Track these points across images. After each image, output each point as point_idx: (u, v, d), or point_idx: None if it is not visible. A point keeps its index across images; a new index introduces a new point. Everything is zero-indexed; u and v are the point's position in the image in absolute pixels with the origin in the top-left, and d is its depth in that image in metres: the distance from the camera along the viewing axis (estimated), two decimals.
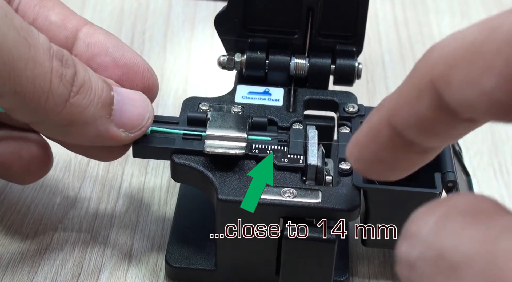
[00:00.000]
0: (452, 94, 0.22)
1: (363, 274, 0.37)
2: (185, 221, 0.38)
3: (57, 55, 0.30)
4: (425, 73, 0.23)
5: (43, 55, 0.29)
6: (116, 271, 0.36)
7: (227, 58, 0.39)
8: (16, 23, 0.29)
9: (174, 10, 0.59)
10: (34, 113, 0.30)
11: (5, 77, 0.28)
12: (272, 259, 0.33)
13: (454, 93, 0.22)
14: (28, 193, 0.41)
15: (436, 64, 0.23)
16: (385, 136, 0.26)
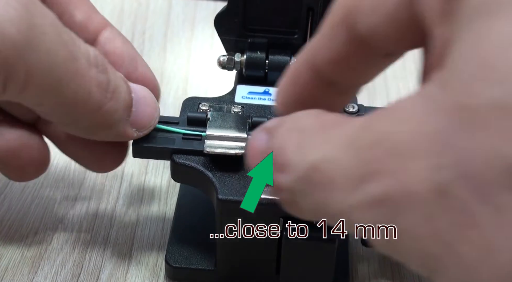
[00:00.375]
0: (362, 23, 0.24)
1: (363, 274, 0.37)
2: (185, 221, 0.38)
3: (95, 63, 0.31)
4: (339, 9, 0.25)
5: (84, 66, 0.30)
6: (116, 271, 0.36)
7: (227, 58, 0.39)
8: (65, 38, 0.29)
9: (174, 10, 0.59)
10: (67, 117, 0.31)
11: (49, 91, 0.29)
12: (272, 259, 0.33)
13: (364, 22, 0.24)
14: (28, 193, 0.41)
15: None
16: (305, 77, 0.27)
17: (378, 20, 0.24)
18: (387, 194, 0.20)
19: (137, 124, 0.33)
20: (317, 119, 0.24)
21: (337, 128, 0.23)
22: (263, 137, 0.26)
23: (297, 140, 0.24)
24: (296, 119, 0.25)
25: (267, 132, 0.26)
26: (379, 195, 0.20)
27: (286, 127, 0.25)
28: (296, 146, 0.24)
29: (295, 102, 0.28)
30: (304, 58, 0.27)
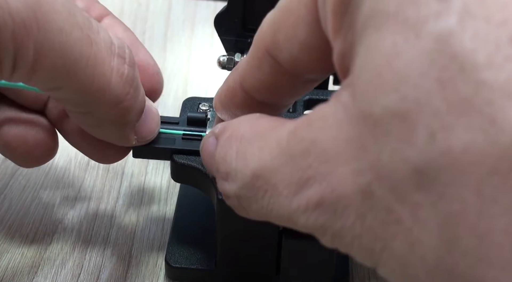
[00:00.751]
0: (282, 55, 0.26)
1: (363, 274, 0.37)
2: (185, 221, 0.38)
3: (120, 52, 0.30)
4: (260, 45, 0.26)
5: (104, 53, 0.29)
6: (116, 271, 0.36)
7: (227, 58, 0.39)
8: (79, 20, 0.28)
9: (174, 10, 0.59)
10: (84, 106, 0.30)
11: (64, 74, 0.28)
12: (272, 258, 0.33)
13: (283, 54, 0.26)
14: (28, 193, 0.41)
15: (265, 35, 0.26)
16: (239, 97, 0.29)
17: (295, 51, 0.25)
18: (323, 198, 0.21)
19: (139, 132, 0.33)
20: (253, 125, 0.25)
21: (270, 134, 0.24)
22: (212, 141, 0.28)
23: (236, 148, 0.25)
24: (235, 127, 0.26)
25: (215, 137, 0.27)
26: (317, 199, 0.21)
27: (227, 135, 0.26)
28: (236, 154, 0.25)
29: (232, 116, 0.30)
30: (238, 80, 0.29)
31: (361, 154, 0.20)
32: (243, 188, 0.24)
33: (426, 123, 0.18)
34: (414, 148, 0.18)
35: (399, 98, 0.19)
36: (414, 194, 0.19)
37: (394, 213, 0.19)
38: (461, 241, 0.18)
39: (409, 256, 0.19)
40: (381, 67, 0.19)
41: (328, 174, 0.21)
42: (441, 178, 0.18)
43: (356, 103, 0.20)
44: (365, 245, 0.21)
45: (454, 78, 0.18)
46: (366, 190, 0.20)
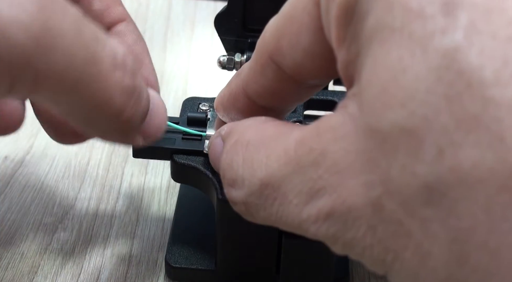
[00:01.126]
0: (285, 62, 0.26)
1: (363, 274, 0.37)
2: (185, 221, 0.38)
3: (122, 65, 0.28)
4: (263, 51, 0.26)
5: (108, 69, 0.27)
6: (116, 271, 0.36)
7: (227, 58, 0.39)
8: (86, 37, 0.26)
9: (174, 10, 0.59)
10: (84, 119, 0.29)
11: (64, 92, 0.26)
12: (272, 259, 0.33)
13: (286, 60, 0.26)
14: (28, 193, 0.41)
15: (269, 41, 0.26)
16: (242, 102, 0.29)
17: (298, 57, 0.25)
18: (333, 209, 0.21)
19: (146, 133, 0.31)
20: (259, 131, 0.25)
21: (276, 141, 0.24)
22: (219, 142, 0.28)
23: (243, 155, 0.25)
24: (241, 132, 0.26)
25: (222, 139, 0.28)
26: (327, 210, 0.21)
27: (233, 140, 0.26)
28: (242, 161, 0.25)
29: (234, 120, 0.30)
30: (241, 85, 0.29)
31: (370, 168, 0.20)
32: (251, 196, 0.24)
33: (434, 139, 0.18)
34: (423, 164, 0.18)
35: (407, 114, 0.19)
36: (424, 209, 0.19)
37: (405, 226, 0.19)
38: (471, 257, 0.18)
39: (420, 268, 0.19)
40: (388, 82, 0.19)
41: (338, 186, 0.21)
42: (450, 194, 0.18)
43: (363, 117, 0.20)
44: (376, 255, 0.21)
45: (461, 94, 0.18)
46: (376, 203, 0.20)
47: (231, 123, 0.28)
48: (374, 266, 0.21)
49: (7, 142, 0.44)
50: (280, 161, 0.23)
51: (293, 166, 0.22)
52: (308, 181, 0.22)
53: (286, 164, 0.23)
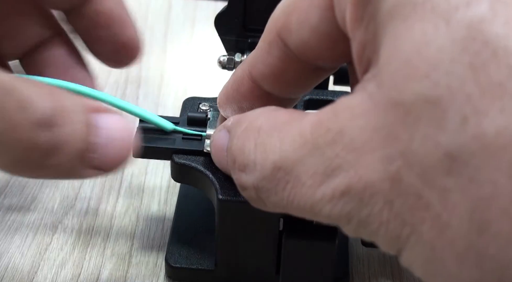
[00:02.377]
0: (292, 39, 0.26)
1: (363, 274, 0.37)
2: (185, 221, 0.38)
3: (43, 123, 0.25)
4: (272, 28, 0.27)
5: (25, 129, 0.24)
6: (116, 271, 0.36)
7: (227, 58, 0.39)
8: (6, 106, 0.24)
9: (174, 10, 0.59)
10: None
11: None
12: (272, 258, 0.33)
13: (293, 38, 0.26)
14: (28, 193, 0.41)
15: (278, 17, 0.26)
16: (246, 87, 0.29)
17: (305, 35, 0.25)
18: (350, 187, 0.21)
19: (101, 167, 0.27)
20: (270, 117, 0.25)
21: (290, 126, 0.24)
22: (224, 135, 0.28)
23: (254, 140, 0.25)
24: (252, 118, 0.26)
25: (227, 130, 0.27)
26: (343, 188, 0.21)
27: (243, 127, 0.26)
28: (254, 146, 0.25)
29: (236, 109, 0.30)
30: (246, 69, 0.29)
31: (390, 142, 0.20)
32: (263, 180, 0.24)
33: (459, 108, 0.19)
34: (446, 133, 0.19)
35: (431, 84, 0.19)
36: (444, 179, 0.19)
37: (423, 198, 0.20)
38: (492, 225, 0.18)
39: (437, 240, 0.20)
40: (411, 55, 0.20)
41: (355, 163, 0.21)
42: (472, 162, 0.18)
43: (384, 92, 0.20)
44: (392, 231, 0.21)
45: (486, 63, 0.18)
46: (394, 177, 0.20)
47: (238, 115, 0.28)
48: (388, 244, 0.21)
49: None
50: (295, 144, 0.23)
51: (309, 148, 0.23)
52: (325, 161, 0.22)
53: (301, 147, 0.23)
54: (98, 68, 0.35)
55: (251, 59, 0.28)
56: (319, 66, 0.27)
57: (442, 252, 0.20)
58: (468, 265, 0.19)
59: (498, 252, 0.18)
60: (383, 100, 0.20)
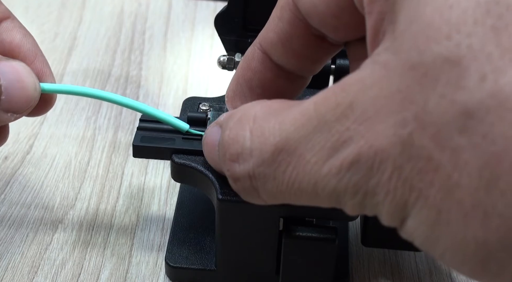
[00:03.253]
0: (303, 2, 0.26)
1: (363, 274, 0.37)
2: (185, 221, 0.38)
3: None
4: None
5: None
6: (116, 271, 0.36)
7: (227, 58, 0.39)
8: None
9: (174, 10, 0.59)
10: None
11: None
12: (272, 259, 0.33)
13: (304, 1, 0.26)
14: (28, 193, 0.41)
15: None
16: (257, 59, 0.29)
17: None
18: (359, 156, 0.21)
19: (12, 109, 0.31)
20: (264, 106, 0.26)
21: (289, 110, 0.24)
22: (215, 130, 0.28)
23: (250, 128, 0.25)
24: (244, 110, 0.26)
25: (219, 126, 0.27)
26: (352, 158, 0.22)
27: (235, 118, 0.26)
28: (250, 133, 0.25)
29: (245, 90, 0.30)
30: (257, 42, 0.29)
31: (404, 106, 0.21)
32: (261, 166, 0.24)
33: (478, 67, 0.19)
34: (464, 91, 0.19)
35: (452, 45, 0.20)
36: (458, 137, 0.19)
37: (434, 160, 0.20)
38: (501, 180, 0.19)
39: (444, 203, 0.20)
40: (433, 17, 0.20)
41: (366, 132, 0.21)
42: (487, 118, 0.19)
43: (401, 56, 0.21)
44: (399, 199, 0.21)
45: (509, 26, 0.19)
46: (406, 141, 0.20)
47: (229, 111, 0.28)
48: (392, 214, 0.22)
49: (7, 142, 0.44)
50: (297, 124, 0.23)
51: (314, 124, 0.23)
52: (333, 135, 0.22)
53: (304, 125, 0.23)
54: (98, 68, 0.35)
55: (262, 32, 0.29)
56: (325, 37, 0.27)
57: (448, 214, 0.20)
58: (473, 225, 0.20)
59: (505, 209, 0.19)
60: (399, 65, 0.21)
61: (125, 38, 0.55)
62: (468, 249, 0.20)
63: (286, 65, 0.29)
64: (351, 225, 0.39)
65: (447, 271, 0.37)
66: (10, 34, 0.33)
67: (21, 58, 0.33)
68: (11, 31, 0.33)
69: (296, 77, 0.30)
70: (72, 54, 0.53)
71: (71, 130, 0.46)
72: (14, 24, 0.34)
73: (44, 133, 0.45)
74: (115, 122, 0.46)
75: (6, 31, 0.33)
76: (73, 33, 0.55)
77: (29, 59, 0.33)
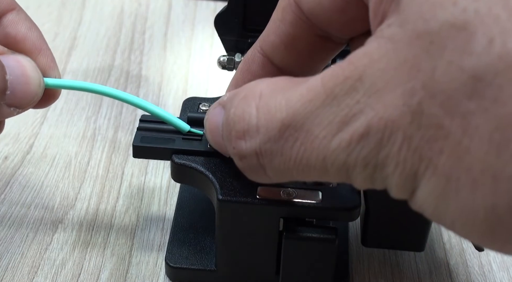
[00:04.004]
0: (305, 2, 0.26)
1: (363, 274, 0.37)
2: (185, 221, 0.38)
3: None
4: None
5: None
6: (116, 271, 0.36)
7: (227, 58, 0.39)
8: None
9: (174, 10, 0.59)
10: None
11: None
12: (272, 259, 0.33)
13: (307, 1, 0.26)
14: (28, 193, 0.41)
15: None
16: (257, 63, 0.29)
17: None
18: (369, 128, 0.21)
19: (16, 104, 0.31)
20: (270, 83, 0.25)
21: (296, 86, 0.24)
22: (218, 111, 0.27)
23: (256, 105, 0.25)
24: (249, 88, 0.26)
25: (222, 106, 0.27)
26: (362, 131, 0.22)
27: (240, 96, 0.26)
28: (256, 110, 0.25)
29: None
30: (257, 45, 0.29)
31: (412, 75, 0.20)
32: (268, 142, 0.24)
33: (486, 30, 0.19)
34: (472, 55, 0.19)
35: (459, 10, 0.20)
36: (467, 103, 0.19)
37: (444, 128, 0.20)
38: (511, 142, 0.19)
39: (453, 170, 0.20)
40: None
41: (376, 104, 0.21)
42: (496, 81, 0.19)
43: (408, 27, 0.21)
44: (408, 171, 0.21)
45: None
46: (415, 110, 0.20)
47: (232, 91, 0.28)
48: (402, 186, 0.22)
49: (7, 142, 0.44)
50: (304, 99, 0.23)
51: (322, 99, 0.23)
52: (343, 109, 0.22)
53: (312, 100, 0.23)
54: (98, 68, 0.35)
55: (262, 35, 0.29)
56: (329, 35, 0.27)
57: (457, 182, 0.20)
58: (482, 190, 0.19)
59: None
60: (406, 36, 0.21)
61: (125, 38, 0.55)
62: (478, 216, 0.20)
63: (288, 67, 0.29)
64: (351, 225, 0.39)
65: (447, 271, 0.37)
66: (15, 27, 0.33)
67: (26, 51, 0.33)
68: (16, 24, 0.33)
69: None
70: (72, 54, 0.53)
71: (71, 130, 0.46)
72: (20, 16, 0.33)
73: (44, 133, 0.45)
74: (115, 122, 0.46)
75: (12, 23, 0.33)
76: (73, 33, 0.55)
77: (34, 53, 0.33)
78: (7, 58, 0.31)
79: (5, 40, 0.33)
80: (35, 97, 0.32)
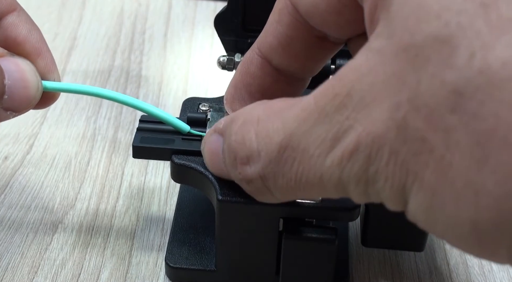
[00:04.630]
0: (302, 3, 0.26)
1: (363, 274, 0.37)
2: (185, 221, 0.38)
3: None
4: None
5: None
6: (116, 271, 0.36)
7: (227, 59, 0.39)
8: None
9: (174, 10, 0.59)
10: None
11: None
12: (272, 259, 0.33)
13: (304, 2, 0.26)
14: (28, 193, 0.41)
15: None
16: (255, 65, 0.29)
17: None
18: (358, 144, 0.21)
19: (12, 108, 0.31)
20: (266, 107, 0.26)
21: (291, 108, 0.24)
22: (216, 138, 0.28)
23: (255, 130, 0.25)
24: (247, 113, 0.26)
25: (219, 133, 0.27)
26: (352, 147, 0.22)
27: (238, 122, 0.26)
28: (255, 135, 0.25)
29: (244, 95, 0.30)
30: (255, 46, 0.29)
31: (398, 89, 0.20)
32: (269, 165, 0.24)
33: (467, 44, 0.19)
34: (453, 69, 0.19)
35: (442, 23, 0.20)
36: (449, 117, 0.19)
37: (427, 142, 0.20)
38: (491, 157, 0.19)
39: (438, 184, 0.20)
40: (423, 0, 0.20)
41: (364, 119, 0.21)
42: (477, 96, 0.19)
43: (395, 39, 0.21)
44: (397, 184, 0.21)
45: (498, 1, 0.19)
46: (400, 124, 0.20)
47: (229, 115, 0.28)
48: (395, 199, 0.22)
49: (7, 142, 0.44)
50: (299, 120, 0.23)
51: (315, 118, 0.23)
52: (334, 126, 0.22)
53: (306, 119, 0.23)
54: (98, 68, 0.35)
55: (260, 37, 0.29)
56: (326, 36, 0.27)
57: (442, 195, 0.20)
58: (465, 204, 0.20)
59: (494, 188, 0.19)
60: (393, 48, 0.21)
61: (125, 38, 0.55)
62: (464, 230, 0.20)
63: (286, 68, 0.29)
64: (351, 225, 0.39)
65: (447, 271, 0.37)
66: (15, 29, 0.32)
67: (26, 54, 0.32)
68: (17, 26, 0.33)
69: (296, 79, 0.30)
70: (72, 54, 0.53)
71: (71, 130, 0.46)
72: (20, 18, 0.33)
73: (44, 133, 0.45)
74: (115, 122, 0.46)
75: (12, 25, 0.33)
76: (73, 33, 0.55)
77: (34, 56, 0.33)
78: (6, 62, 0.31)
79: (5, 42, 0.32)
80: (33, 101, 0.32)
